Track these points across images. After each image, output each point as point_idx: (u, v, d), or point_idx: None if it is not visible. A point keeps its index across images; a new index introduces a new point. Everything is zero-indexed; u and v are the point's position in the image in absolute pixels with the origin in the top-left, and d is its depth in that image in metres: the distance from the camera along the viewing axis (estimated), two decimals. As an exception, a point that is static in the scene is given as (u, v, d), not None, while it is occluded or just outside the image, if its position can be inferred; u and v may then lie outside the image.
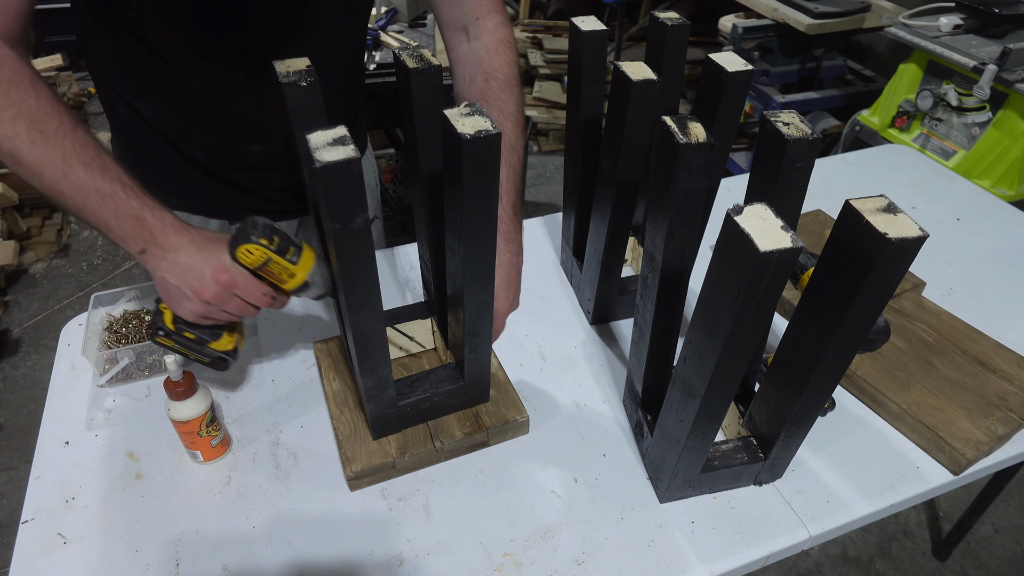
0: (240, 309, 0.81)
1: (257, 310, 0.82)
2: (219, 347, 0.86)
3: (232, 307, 0.80)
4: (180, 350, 0.85)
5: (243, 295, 0.79)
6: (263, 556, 0.80)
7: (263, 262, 0.77)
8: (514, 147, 0.97)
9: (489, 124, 0.63)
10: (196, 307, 0.79)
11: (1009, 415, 0.94)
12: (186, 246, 0.76)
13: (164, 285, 0.78)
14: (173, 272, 0.77)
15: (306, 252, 0.81)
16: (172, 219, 0.77)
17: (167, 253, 0.76)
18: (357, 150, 0.60)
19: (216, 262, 0.77)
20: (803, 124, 0.72)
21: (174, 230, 0.76)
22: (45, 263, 2.75)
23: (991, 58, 1.94)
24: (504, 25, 0.99)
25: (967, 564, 1.78)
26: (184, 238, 0.76)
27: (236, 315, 0.82)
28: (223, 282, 0.77)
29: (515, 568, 0.80)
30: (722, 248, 0.61)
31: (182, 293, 0.78)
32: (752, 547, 0.83)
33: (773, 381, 0.80)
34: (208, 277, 0.76)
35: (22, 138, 0.69)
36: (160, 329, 0.84)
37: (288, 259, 0.79)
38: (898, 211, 0.60)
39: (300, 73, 0.75)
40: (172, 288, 0.78)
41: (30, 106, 0.70)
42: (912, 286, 1.17)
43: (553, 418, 0.97)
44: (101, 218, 0.74)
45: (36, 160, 0.70)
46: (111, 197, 0.73)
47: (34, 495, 0.86)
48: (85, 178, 0.72)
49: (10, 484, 1.95)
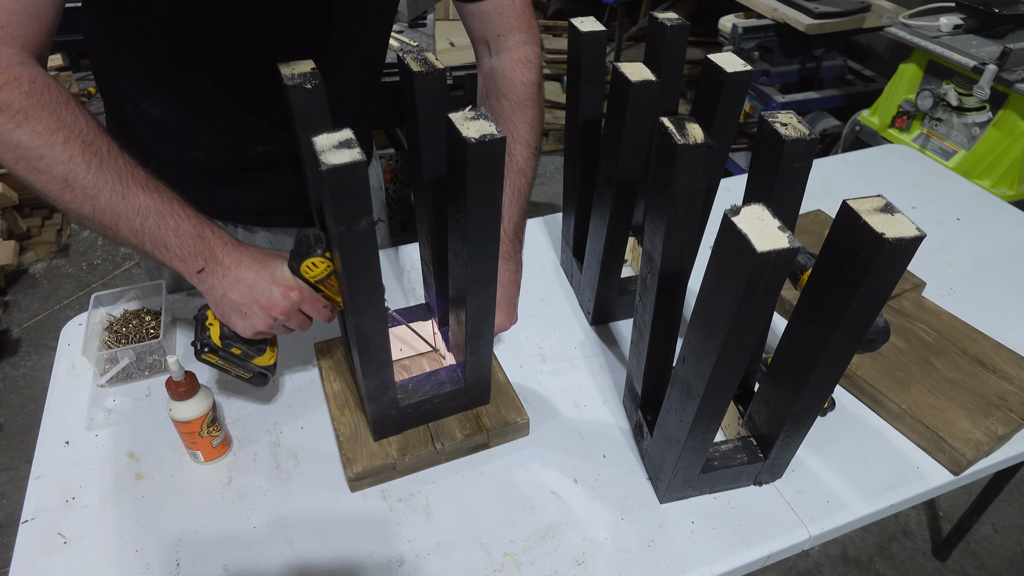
0: (301, 324, 0.82)
1: (309, 326, 0.83)
2: (261, 362, 0.87)
3: (294, 322, 0.80)
4: (224, 367, 0.85)
5: (307, 309, 0.80)
6: (263, 556, 0.80)
7: (326, 275, 0.78)
8: (521, 169, 0.97)
9: (494, 128, 0.63)
10: (262, 323, 0.78)
11: (1009, 415, 0.94)
12: (247, 262, 0.77)
13: (223, 302, 0.78)
14: (237, 288, 0.76)
15: None
16: (228, 236, 0.77)
17: (229, 270, 0.76)
18: (363, 153, 0.60)
19: (283, 277, 0.77)
20: (801, 124, 0.73)
21: (233, 247, 0.77)
22: (45, 263, 2.75)
23: (991, 58, 1.94)
24: (527, 43, 0.97)
25: (967, 564, 1.78)
26: (244, 254, 0.77)
27: (294, 329, 0.82)
28: (293, 298, 0.77)
29: (515, 568, 0.80)
30: (720, 249, 0.61)
31: (248, 308, 0.77)
32: (752, 547, 0.83)
33: (772, 381, 0.80)
34: (277, 293, 0.77)
35: (77, 161, 0.68)
36: (207, 346, 0.82)
37: None
38: (895, 211, 0.60)
39: (305, 76, 0.76)
40: (234, 304, 0.77)
41: (80, 128, 0.69)
42: (912, 286, 1.17)
43: (553, 419, 0.98)
44: (160, 238, 0.73)
45: (93, 183, 0.69)
46: (171, 216, 0.73)
47: (34, 495, 0.86)
48: (144, 198, 0.71)
49: (10, 484, 1.95)
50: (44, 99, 0.67)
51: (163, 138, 0.96)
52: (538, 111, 0.98)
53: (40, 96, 0.67)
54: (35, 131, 0.66)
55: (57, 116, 0.67)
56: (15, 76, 0.66)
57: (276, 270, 0.78)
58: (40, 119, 0.66)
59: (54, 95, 0.68)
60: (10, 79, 0.65)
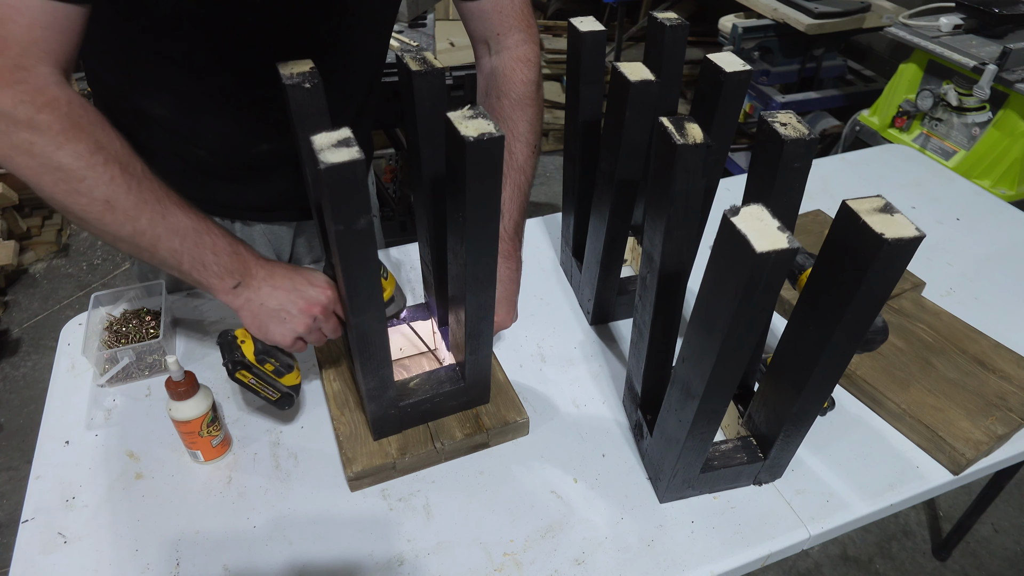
0: (335, 328, 0.83)
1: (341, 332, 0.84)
2: (289, 382, 0.87)
3: (329, 326, 0.82)
4: (256, 386, 0.85)
5: (339, 310, 0.81)
6: (263, 556, 0.80)
7: None
8: (521, 167, 0.97)
9: (492, 127, 0.64)
10: (302, 324, 0.79)
11: (1009, 415, 0.95)
12: (281, 271, 0.79)
13: (260, 312, 0.79)
14: (274, 296, 0.78)
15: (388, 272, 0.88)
16: (255, 250, 0.79)
17: (265, 280, 0.78)
18: (362, 152, 0.60)
19: (318, 278, 0.80)
20: (800, 124, 0.73)
21: (265, 261, 0.79)
22: (45, 263, 2.75)
23: (991, 58, 1.94)
24: (526, 42, 0.98)
25: (967, 564, 1.78)
26: (276, 266, 0.79)
27: (328, 336, 0.84)
28: (330, 296, 0.80)
29: (515, 568, 0.80)
30: (719, 249, 0.61)
31: (286, 313, 0.79)
32: (752, 547, 0.83)
33: (772, 381, 0.80)
34: (315, 292, 0.79)
35: (118, 182, 0.67)
36: (240, 364, 0.82)
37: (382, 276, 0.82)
38: (895, 211, 0.60)
39: (304, 75, 0.76)
40: (272, 311, 0.78)
41: (116, 149, 0.68)
42: (912, 286, 1.17)
43: (553, 419, 0.98)
44: (198, 257, 0.73)
45: (134, 204, 0.68)
46: (207, 234, 0.73)
47: (34, 495, 0.86)
48: (183, 219, 0.72)
49: (10, 484, 1.95)
50: (83, 120, 0.66)
51: (163, 137, 0.96)
52: (538, 110, 0.99)
53: (79, 118, 0.65)
54: (76, 153, 0.64)
55: (95, 137, 0.66)
56: (53, 97, 0.64)
57: (310, 274, 0.80)
58: (80, 140, 0.65)
59: (90, 116, 0.67)
60: (49, 100, 0.64)
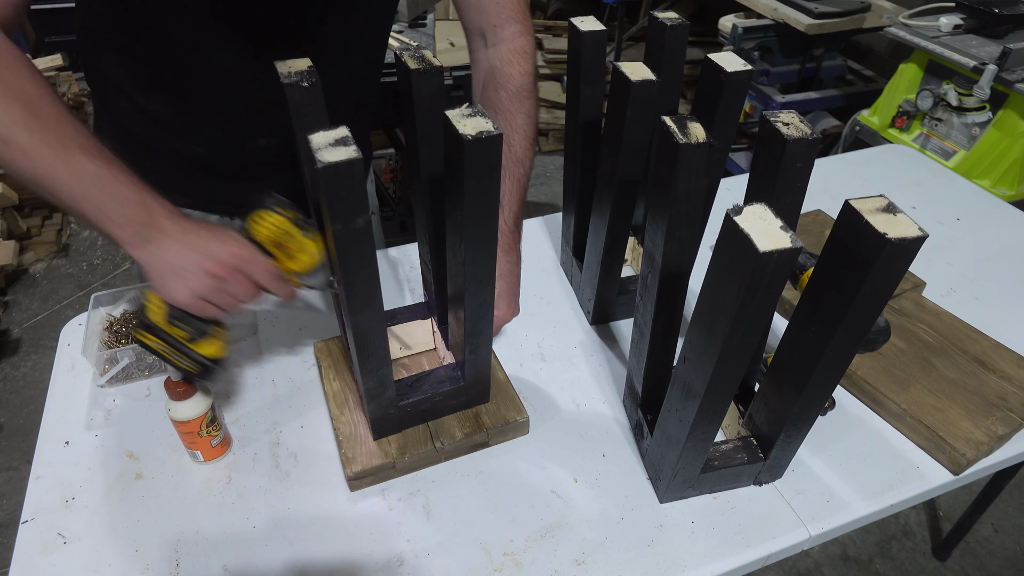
0: (245, 291, 0.75)
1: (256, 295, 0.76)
2: (205, 351, 0.78)
3: (237, 287, 0.74)
4: (163, 350, 0.77)
5: (252, 271, 0.74)
6: (263, 556, 0.80)
7: (279, 233, 0.72)
8: (520, 160, 0.97)
9: (491, 125, 0.63)
10: (198, 281, 0.72)
11: (1009, 415, 0.94)
12: (191, 226, 0.74)
13: (158, 266, 0.73)
14: (179, 253, 0.72)
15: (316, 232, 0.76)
16: (174, 207, 0.75)
17: (171, 236, 0.72)
18: (359, 151, 0.60)
19: (226, 235, 0.74)
20: (803, 124, 0.73)
21: (178, 217, 0.74)
22: (45, 263, 2.75)
23: (991, 58, 1.94)
24: (523, 34, 0.98)
25: (967, 564, 1.78)
26: (190, 222, 0.74)
27: (238, 299, 0.75)
28: (235, 253, 0.72)
29: (515, 568, 0.80)
30: (722, 248, 0.61)
31: (183, 268, 0.72)
32: (752, 547, 0.83)
33: (773, 381, 0.80)
34: (217, 249, 0.72)
35: (16, 121, 0.68)
36: (143, 323, 0.75)
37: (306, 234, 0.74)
38: (897, 211, 0.60)
39: (302, 74, 0.76)
40: (170, 266, 0.73)
41: (25, 89, 0.69)
42: (912, 286, 1.17)
43: (553, 418, 0.98)
44: (98, 203, 0.70)
45: (32, 145, 0.69)
46: (110, 182, 0.71)
47: (34, 495, 0.86)
48: (87, 165, 0.70)
49: (10, 484, 1.95)
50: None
51: (161, 133, 0.96)
52: (535, 102, 0.99)
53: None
54: None
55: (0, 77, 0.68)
56: None
57: (221, 231, 0.74)
58: None
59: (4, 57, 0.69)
60: None
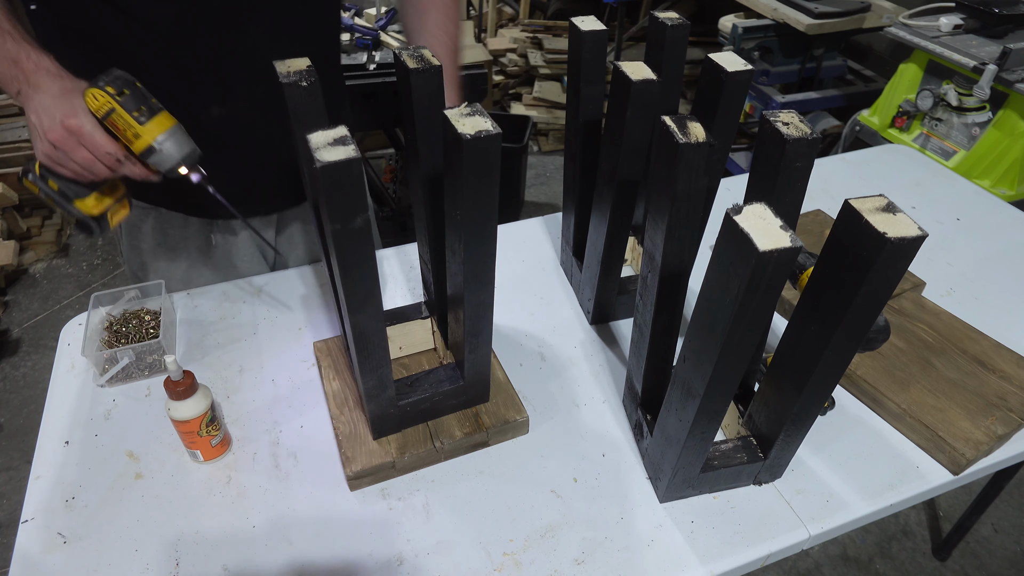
0: (86, 163, 0.80)
1: (108, 171, 0.82)
2: (83, 208, 0.85)
3: (78, 157, 0.80)
4: (46, 200, 0.85)
5: (88, 146, 0.79)
6: (263, 556, 0.80)
7: (107, 111, 0.78)
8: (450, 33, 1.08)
9: (489, 125, 0.63)
10: (45, 147, 0.80)
11: (1009, 415, 0.94)
12: (53, 90, 0.78)
13: (28, 125, 0.81)
14: (36, 112, 0.79)
15: (161, 117, 0.81)
16: (48, 63, 0.79)
17: (35, 94, 0.79)
18: (358, 150, 0.60)
19: (69, 106, 0.78)
20: (803, 124, 0.73)
21: (46, 73, 0.79)
22: (45, 263, 2.75)
23: (991, 58, 1.94)
24: None
25: (967, 564, 1.78)
26: (54, 83, 0.79)
27: (83, 168, 0.81)
28: (70, 126, 0.77)
29: (515, 568, 0.80)
30: (721, 248, 0.61)
31: (36, 132, 0.79)
32: (752, 547, 0.83)
33: (773, 381, 0.80)
34: (57, 119, 0.77)
35: None
36: (28, 172, 0.84)
37: (135, 117, 0.78)
38: (897, 211, 0.60)
39: (300, 73, 0.76)
40: (32, 126, 0.80)
41: None
42: (912, 286, 1.17)
43: (553, 418, 0.98)
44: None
45: None
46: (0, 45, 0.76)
47: (34, 495, 0.86)
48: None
49: (10, 484, 1.95)
50: None
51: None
52: None
53: None
54: None
55: None
56: None
57: (70, 101, 0.78)
58: None
59: None
60: None
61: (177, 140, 0.83)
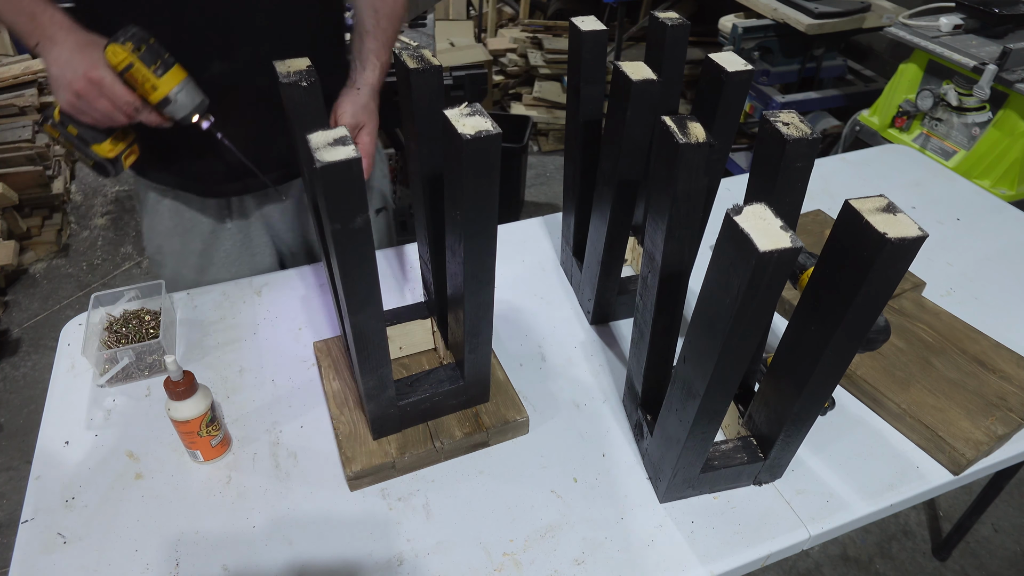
0: (107, 111, 0.87)
1: (126, 119, 0.89)
2: (100, 151, 0.93)
3: (100, 106, 0.86)
4: (65, 144, 0.93)
5: (109, 97, 0.86)
6: (263, 556, 0.80)
7: (126, 66, 0.84)
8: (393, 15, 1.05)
9: (489, 125, 0.63)
10: (68, 98, 0.86)
11: (1009, 415, 0.94)
12: (69, 43, 0.85)
13: (49, 76, 0.86)
14: (56, 64, 0.85)
15: (175, 71, 0.88)
16: (62, 18, 0.85)
17: (52, 47, 0.85)
18: (358, 150, 0.60)
19: (90, 60, 0.84)
20: (803, 124, 0.73)
21: (60, 27, 0.85)
22: (45, 263, 2.75)
23: (991, 58, 1.94)
24: None
25: (967, 564, 1.78)
26: (69, 36, 0.85)
27: (103, 116, 0.88)
28: (92, 78, 0.84)
29: (515, 568, 0.80)
30: (722, 248, 0.61)
31: (58, 83, 0.85)
32: (752, 547, 0.83)
33: (773, 381, 0.80)
34: (80, 72, 0.84)
35: None
36: (48, 119, 0.91)
37: (152, 70, 0.86)
38: (898, 211, 0.60)
39: (300, 73, 0.76)
40: (53, 78, 0.86)
41: None
42: (912, 286, 1.17)
43: (553, 418, 0.98)
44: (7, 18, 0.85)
45: None
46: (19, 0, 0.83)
47: (34, 495, 0.86)
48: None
49: (10, 484, 1.95)
50: None
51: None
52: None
53: None
54: None
55: None
56: None
57: (90, 55, 0.85)
58: None
59: None
60: None
61: (189, 91, 0.90)
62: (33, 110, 2.95)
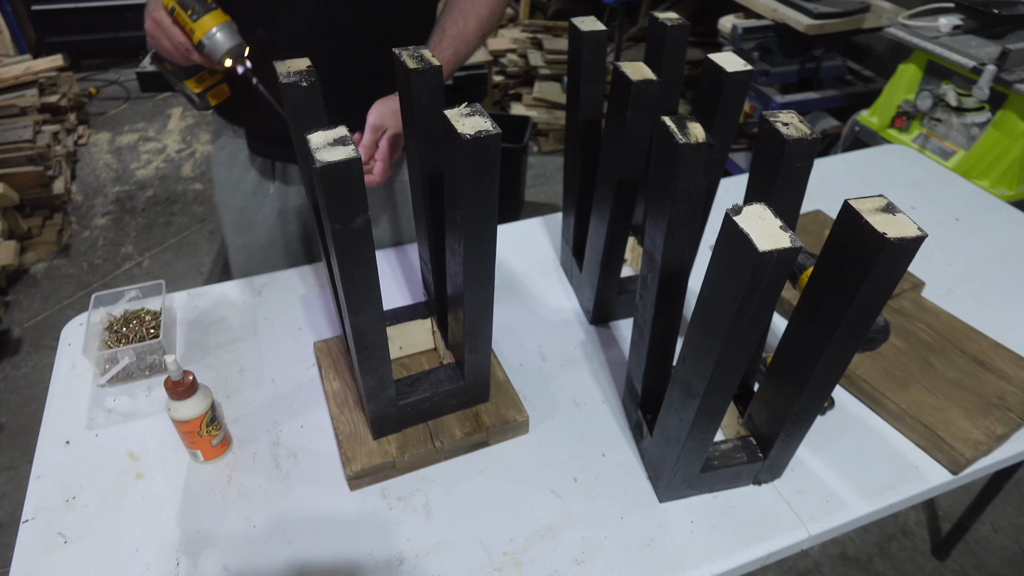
0: (168, 49, 0.96)
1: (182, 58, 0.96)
2: (189, 86, 1.04)
3: (163, 44, 0.96)
4: (168, 78, 1.05)
5: (167, 35, 0.94)
6: (263, 556, 0.80)
7: (171, 8, 0.93)
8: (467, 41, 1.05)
9: (489, 124, 0.64)
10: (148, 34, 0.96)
11: (1008, 415, 0.95)
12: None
13: None
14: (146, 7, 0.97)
15: (214, 14, 0.93)
16: None
17: None
18: (357, 150, 0.60)
19: (157, 3, 0.95)
20: (802, 124, 0.73)
21: None
22: (46, 263, 2.75)
23: (990, 58, 1.94)
24: None
25: (966, 564, 1.78)
26: None
27: (168, 54, 0.97)
28: (155, 18, 0.94)
29: (515, 568, 0.80)
30: (721, 248, 0.61)
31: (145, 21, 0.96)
32: (752, 547, 0.83)
33: (772, 381, 0.80)
34: (150, 10, 0.95)
35: None
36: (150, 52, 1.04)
37: (189, 14, 0.93)
38: (897, 211, 0.60)
39: (301, 73, 0.76)
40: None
41: None
42: (911, 286, 1.17)
43: (553, 418, 0.98)
44: None
45: None
46: None
47: (34, 495, 0.86)
48: None
49: (10, 484, 1.95)
50: None
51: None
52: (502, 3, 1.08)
53: None
54: None
55: None
56: None
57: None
58: None
59: None
60: None
61: (225, 34, 0.95)
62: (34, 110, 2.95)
